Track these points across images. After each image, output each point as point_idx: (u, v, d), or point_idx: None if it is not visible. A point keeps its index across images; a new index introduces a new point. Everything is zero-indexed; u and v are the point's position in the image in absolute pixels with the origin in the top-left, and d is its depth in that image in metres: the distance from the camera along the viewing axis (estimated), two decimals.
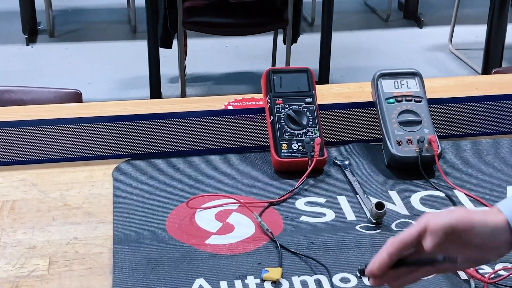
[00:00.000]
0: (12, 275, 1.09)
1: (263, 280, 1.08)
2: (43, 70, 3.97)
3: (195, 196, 1.26)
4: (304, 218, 1.24)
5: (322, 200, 1.29)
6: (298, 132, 1.37)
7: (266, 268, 1.10)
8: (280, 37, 3.61)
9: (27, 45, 4.24)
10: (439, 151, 1.34)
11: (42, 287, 1.07)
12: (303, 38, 3.76)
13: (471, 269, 1.07)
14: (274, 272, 1.08)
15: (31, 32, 4.31)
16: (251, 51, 4.22)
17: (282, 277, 1.08)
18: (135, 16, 4.44)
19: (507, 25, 3.56)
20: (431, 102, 1.43)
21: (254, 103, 1.58)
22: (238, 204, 1.27)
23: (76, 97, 1.84)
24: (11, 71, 3.93)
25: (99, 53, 4.20)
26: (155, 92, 3.48)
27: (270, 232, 1.18)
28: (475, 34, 4.35)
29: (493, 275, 1.09)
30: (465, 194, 1.30)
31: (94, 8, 4.81)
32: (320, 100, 1.42)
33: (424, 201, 1.29)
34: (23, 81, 3.56)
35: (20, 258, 1.13)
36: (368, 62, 4.05)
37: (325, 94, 1.59)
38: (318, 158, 1.34)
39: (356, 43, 4.35)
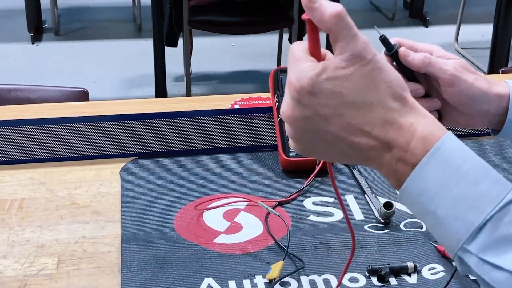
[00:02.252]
0: (20, 274, 1.09)
1: (270, 281, 1.07)
2: (48, 68, 3.97)
3: (202, 201, 1.26)
4: (312, 217, 1.24)
5: (330, 200, 1.29)
6: None
7: (271, 266, 1.09)
8: (285, 36, 3.60)
9: (33, 43, 4.25)
10: None
11: (50, 286, 1.07)
12: None
13: None
14: (274, 270, 1.08)
15: (37, 30, 4.31)
16: (257, 50, 4.22)
17: (289, 276, 1.08)
18: (141, 14, 4.44)
19: None
20: None
21: (261, 102, 1.58)
22: (246, 204, 1.27)
23: (83, 95, 1.84)
24: (16, 69, 3.94)
25: (104, 51, 4.21)
26: (161, 91, 3.48)
27: (272, 236, 1.18)
28: (481, 33, 4.35)
29: None
30: None
31: (99, 6, 4.81)
32: None
33: None
34: (28, 80, 3.56)
35: (29, 257, 1.13)
36: None
37: None
38: None
39: None
